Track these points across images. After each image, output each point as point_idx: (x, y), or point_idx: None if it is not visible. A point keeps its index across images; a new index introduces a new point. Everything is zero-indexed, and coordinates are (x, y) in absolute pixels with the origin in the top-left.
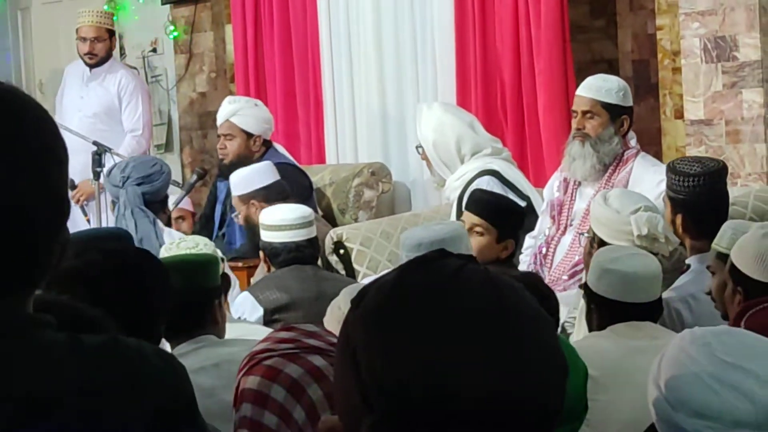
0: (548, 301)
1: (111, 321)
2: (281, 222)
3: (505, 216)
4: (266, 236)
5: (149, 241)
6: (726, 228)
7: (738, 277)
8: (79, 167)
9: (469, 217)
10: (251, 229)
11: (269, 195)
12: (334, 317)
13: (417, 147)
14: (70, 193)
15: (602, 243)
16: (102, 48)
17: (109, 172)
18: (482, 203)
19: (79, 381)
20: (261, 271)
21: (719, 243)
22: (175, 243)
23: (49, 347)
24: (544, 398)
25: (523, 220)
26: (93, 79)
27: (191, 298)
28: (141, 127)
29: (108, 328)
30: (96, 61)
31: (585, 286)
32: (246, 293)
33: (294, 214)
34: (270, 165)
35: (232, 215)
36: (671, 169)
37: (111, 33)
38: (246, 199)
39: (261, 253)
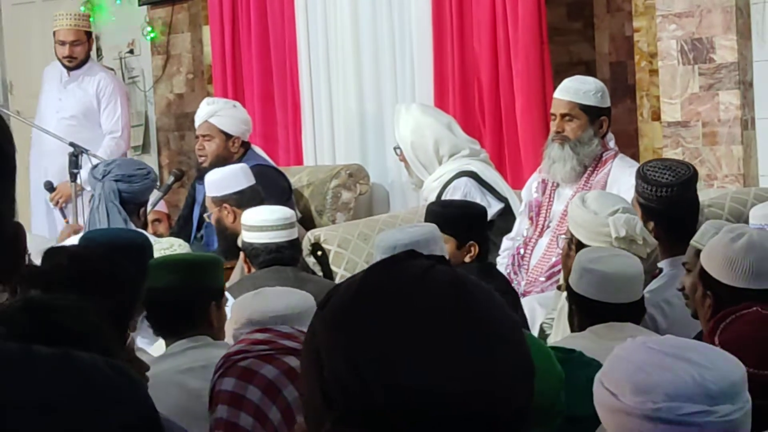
0: (506, 296)
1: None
2: (262, 223)
3: (454, 223)
4: (247, 237)
5: None
6: (708, 227)
7: (708, 282)
8: (57, 169)
9: None
10: (222, 231)
11: (242, 200)
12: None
13: (395, 148)
14: (49, 195)
15: (580, 245)
16: (81, 51)
17: (95, 166)
18: (432, 216)
19: (34, 392)
20: (239, 271)
21: (699, 241)
22: None
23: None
24: (509, 398)
25: (482, 220)
26: (71, 81)
27: (187, 298)
28: (120, 128)
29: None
30: (75, 64)
31: (567, 286)
32: (225, 293)
33: (275, 216)
34: (245, 168)
35: (206, 215)
36: (642, 177)
37: (89, 35)
38: (219, 201)
39: (242, 254)
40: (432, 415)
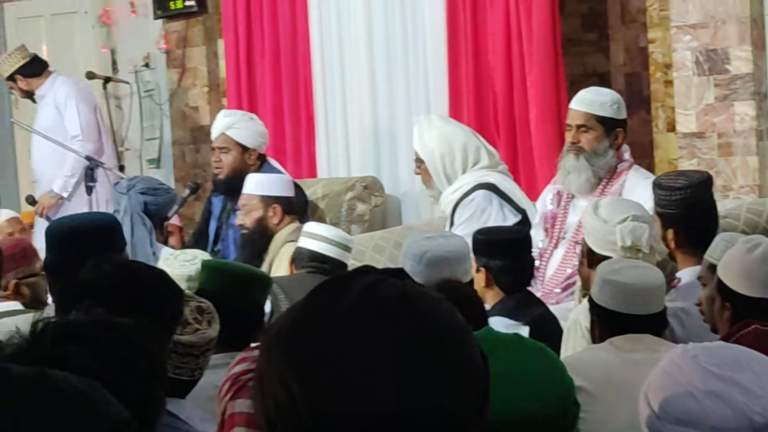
0: (471, 306)
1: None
2: (319, 232)
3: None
4: (301, 242)
5: (143, 247)
6: (719, 240)
7: (726, 293)
8: (44, 181)
9: None
10: (262, 230)
11: (291, 206)
12: None
13: (416, 160)
14: (31, 209)
15: (591, 253)
16: (24, 84)
17: (117, 182)
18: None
19: (7, 409)
20: (285, 273)
21: (712, 255)
22: (174, 255)
23: None
24: (450, 410)
25: (488, 245)
26: (40, 99)
27: (252, 311)
28: (79, 131)
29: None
30: (27, 95)
31: (589, 297)
32: None
33: (333, 232)
34: (291, 180)
35: (235, 209)
36: (657, 185)
37: (24, 66)
38: (269, 201)
39: (288, 257)
40: None
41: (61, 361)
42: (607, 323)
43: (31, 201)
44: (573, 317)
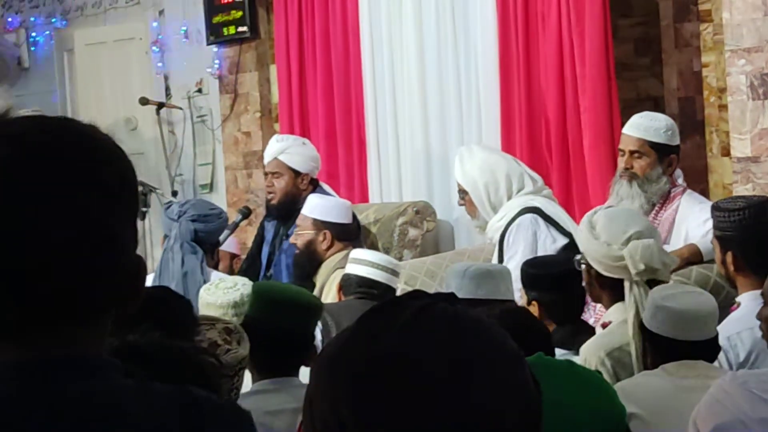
0: (533, 333)
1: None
2: (367, 257)
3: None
4: (349, 268)
5: (194, 276)
6: None
7: None
8: None
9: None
10: (311, 254)
11: (342, 234)
12: None
13: (459, 192)
14: None
15: (599, 275)
16: None
17: (168, 206)
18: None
19: (151, 423)
20: (334, 299)
21: None
22: (215, 284)
23: (118, 392)
24: None
25: (538, 279)
26: None
27: (300, 337)
28: None
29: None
30: None
31: (640, 323)
32: None
33: (381, 257)
34: (350, 206)
35: (288, 235)
36: (716, 208)
37: None
38: (321, 226)
39: (337, 284)
40: None
41: None
42: (659, 349)
43: None
44: (582, 357)
